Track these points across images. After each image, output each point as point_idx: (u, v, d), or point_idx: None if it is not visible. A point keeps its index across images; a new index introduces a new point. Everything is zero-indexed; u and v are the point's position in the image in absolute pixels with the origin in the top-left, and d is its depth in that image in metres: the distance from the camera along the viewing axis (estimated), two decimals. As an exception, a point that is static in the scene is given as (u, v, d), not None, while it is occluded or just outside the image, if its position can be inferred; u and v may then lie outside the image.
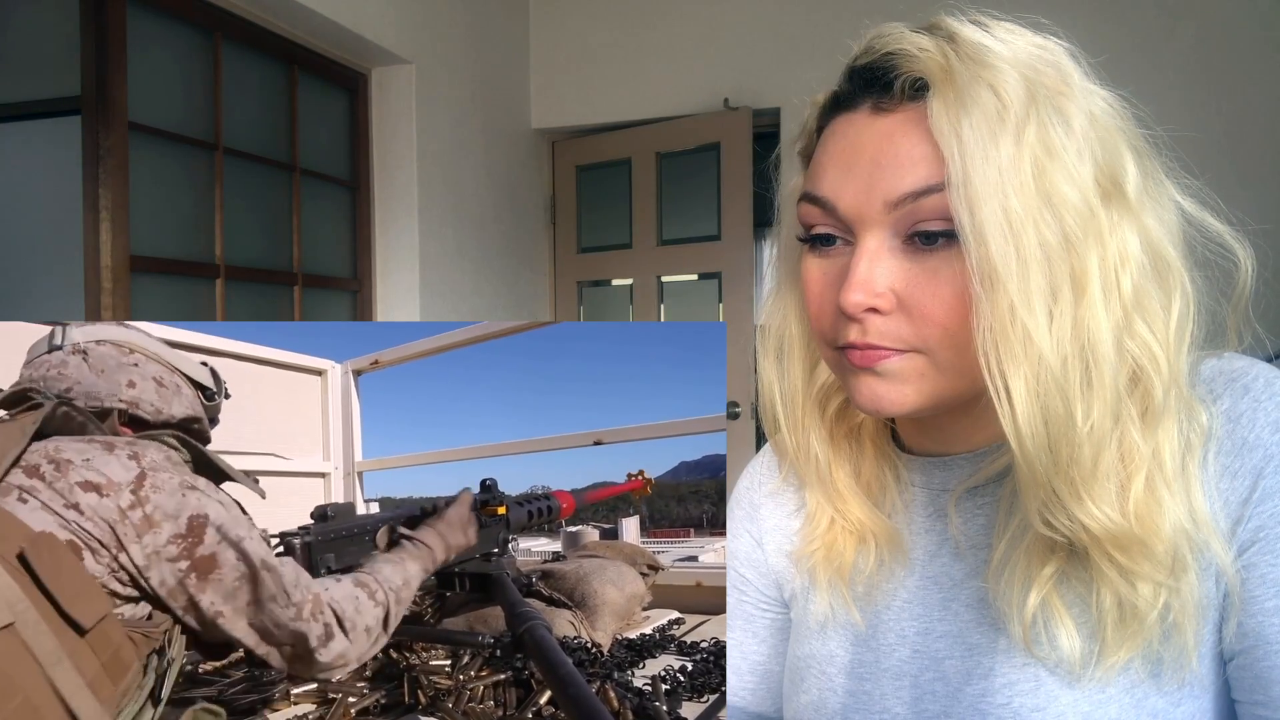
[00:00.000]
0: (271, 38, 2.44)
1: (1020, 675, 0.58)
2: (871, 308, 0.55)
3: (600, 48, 3.49)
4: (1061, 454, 0.52)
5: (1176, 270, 0.55)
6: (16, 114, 3.05)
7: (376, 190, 2.85)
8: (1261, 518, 0.54)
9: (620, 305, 3.74)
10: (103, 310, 1.96)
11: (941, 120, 0.52)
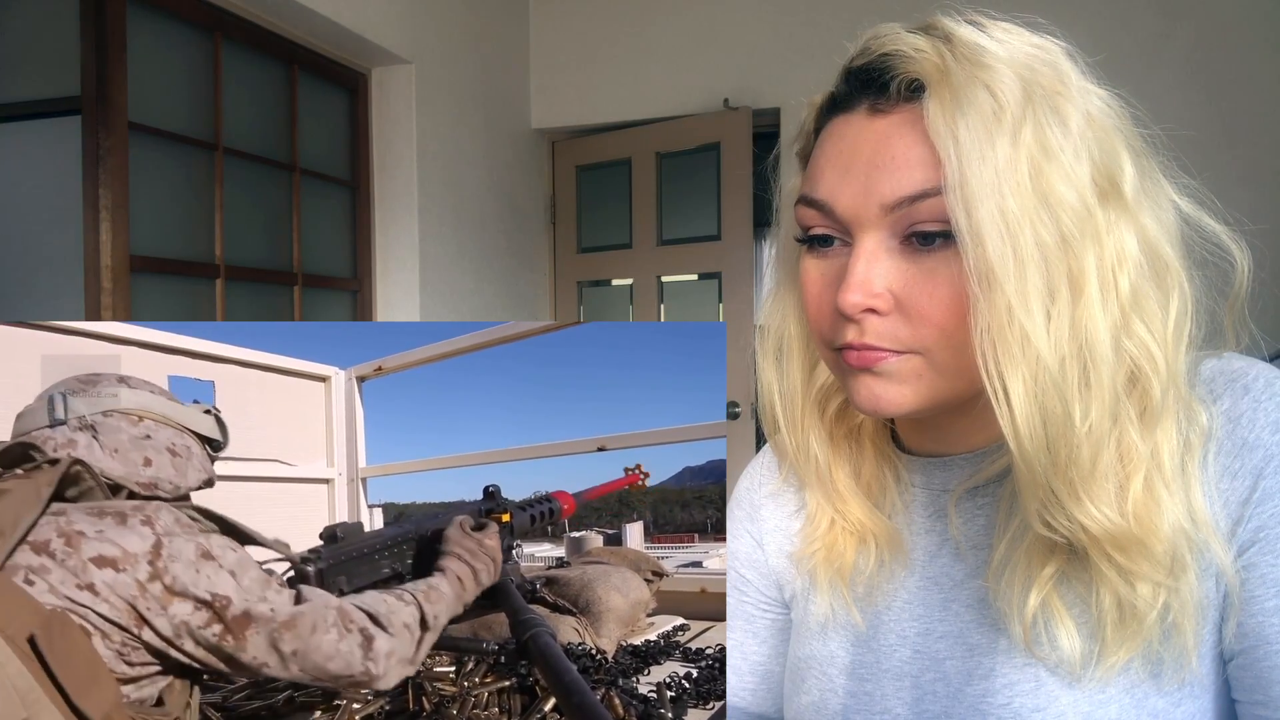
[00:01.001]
0: (271, 38, 2.44)
1: (1021, 675, 0.58)
2: (869, 308, 0.55)
3: (600, 48, 3.49)
4: (1060, 454, 0.52)
5: (1174, 270, 0.55)
6: (16, 114, 3.05)
7: (376, 190, 2.85)
8: (1262, 518, 0.54)
9: (620, 305, 3.74)
10: (103, 310, 1.96)
11: (938, 121, 0.52)
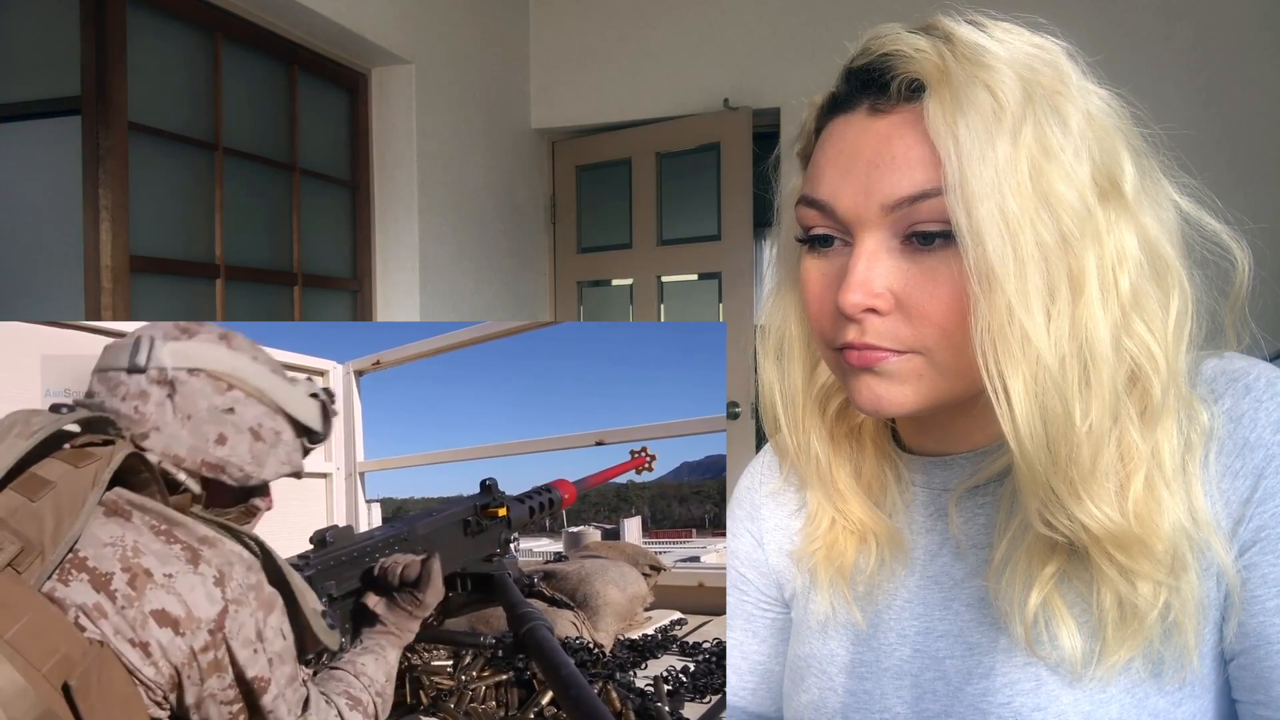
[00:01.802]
0: (271, 38, 2.44)
1: (1021, 675, 0.58)
2: (870, 308, 0.55)
3: (600, 48, 3.49)
4: (1060, 453, 0.52)
5: (1174, 269, 0.55)
6: (16, 114, 3.05)
7: (376, 190, 2.85)
8: (1263, 517, 0.54)
9: (620, 305, 3.73)
10: (103, 310, 1.96)
11: (938, 121, 0.52)
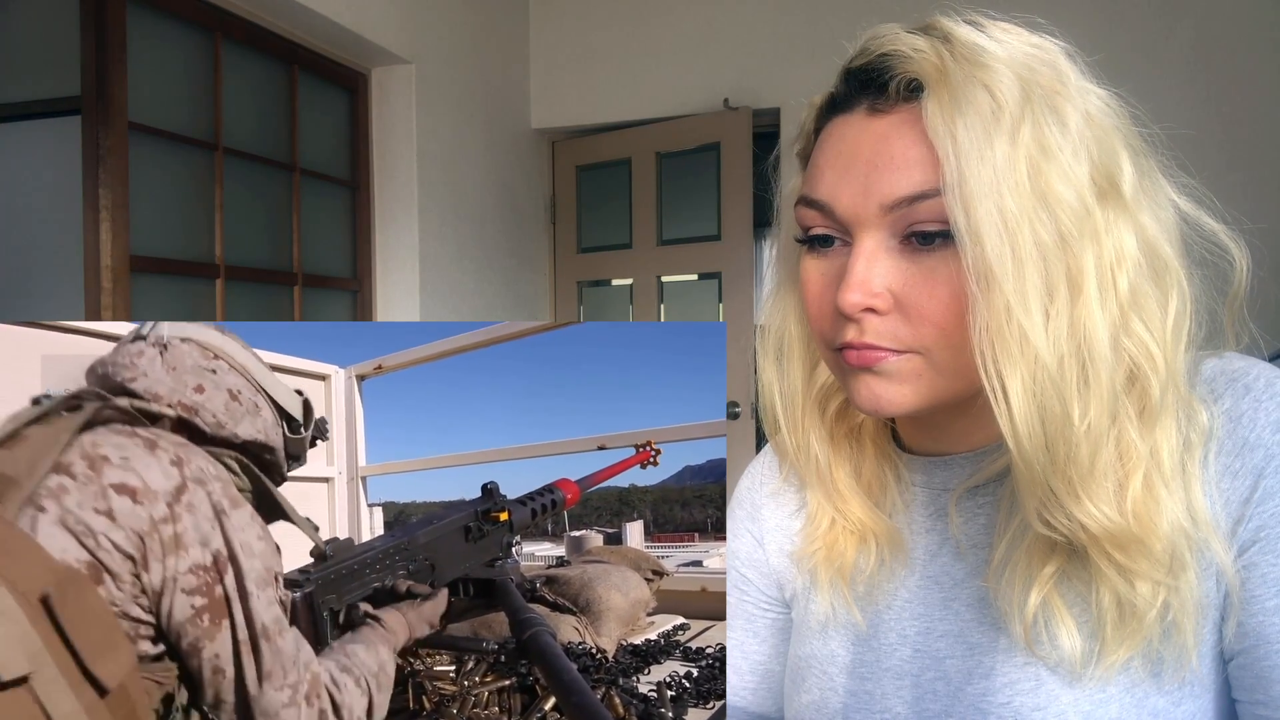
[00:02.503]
0: (271, 38, 2.44)
1: (1021, 675, 0.58)
2: (869, 308, 0.56)
3: (600, 48, 3.49)
4: (1059, 453, 0.52)
5: (1173, 269, 0.55)
6: (16, 114, 3.05)
7: (376, 190, 2.86)
8: (1262, 517, 0.54)
9: (620, 305, 3.73)
10: (103, 310, 1.96)
11: (936, 121, 0.52)
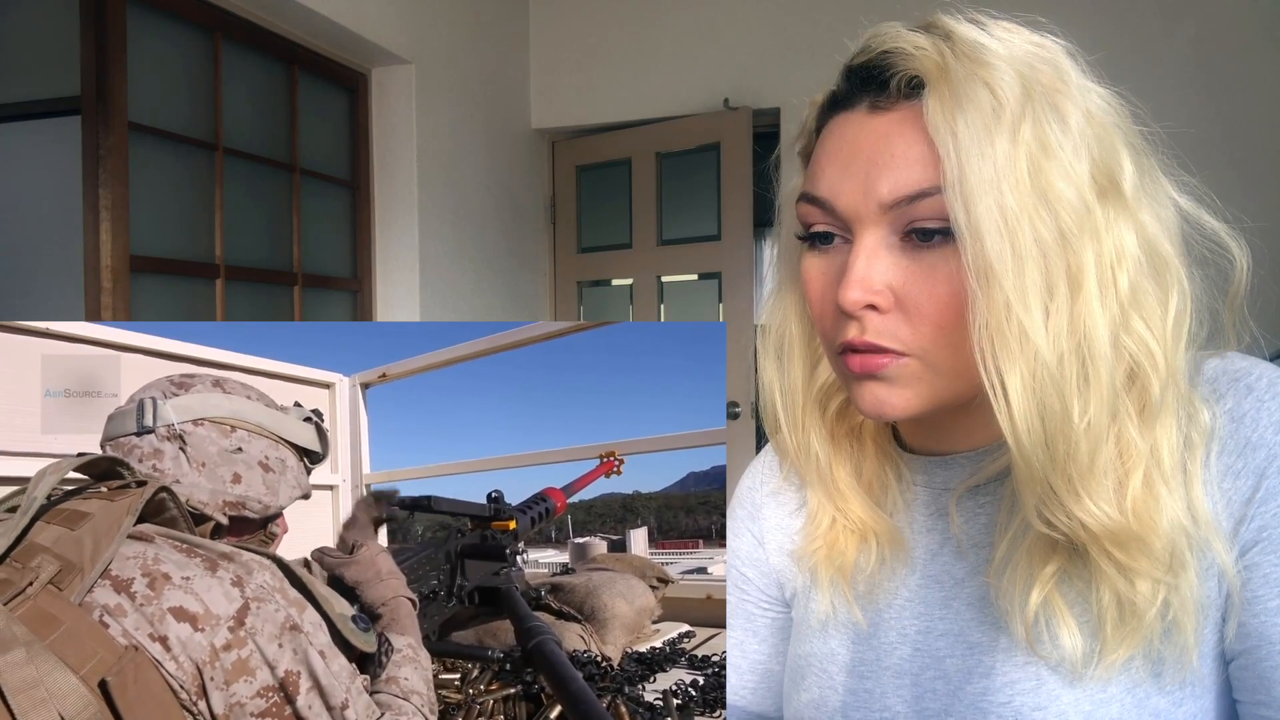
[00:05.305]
0: (271, 38, 2.44)
1: (1021, 674, 0.58)
2: (869, 305, 0.56)
3: (600, 48, 3.49)
4: (1058, 451, 0.52)
5: (1174, 267, 0.55)
6: (16, 114, 3.05)
7: (376, 190, 2.86)
8: (1264, 518, 0.54)
9: (620, 305, 3.74)
10: (103, 310, 1.96)
11: (937, 118, 0.53)
